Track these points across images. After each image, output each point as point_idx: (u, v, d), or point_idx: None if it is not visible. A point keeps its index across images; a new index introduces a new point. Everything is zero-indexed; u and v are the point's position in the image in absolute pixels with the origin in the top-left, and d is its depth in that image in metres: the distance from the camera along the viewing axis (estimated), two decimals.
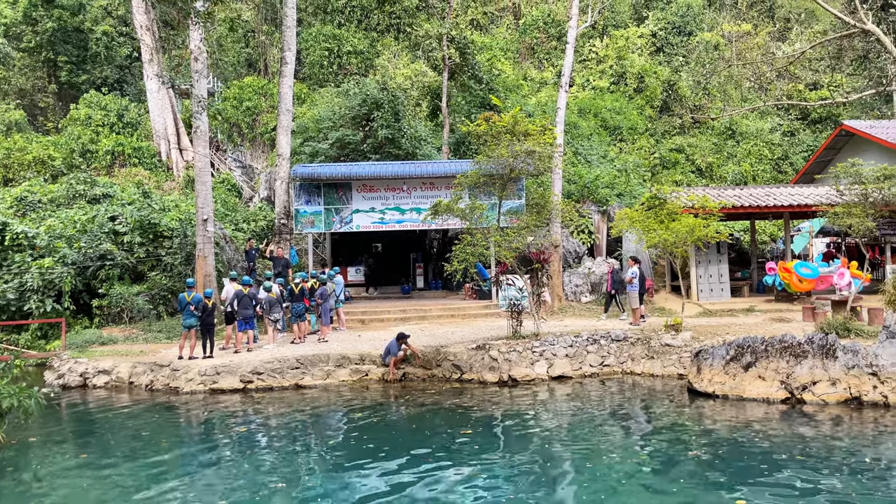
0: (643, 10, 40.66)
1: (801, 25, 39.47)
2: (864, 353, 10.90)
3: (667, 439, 9.53)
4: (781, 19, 40.42)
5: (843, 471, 7.81)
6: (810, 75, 37.55)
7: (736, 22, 38.85)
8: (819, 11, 35.86)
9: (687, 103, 35.10)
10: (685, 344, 14.01)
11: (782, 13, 40.43)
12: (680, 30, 38.85)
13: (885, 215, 17.19)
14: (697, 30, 38.72)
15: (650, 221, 17.50)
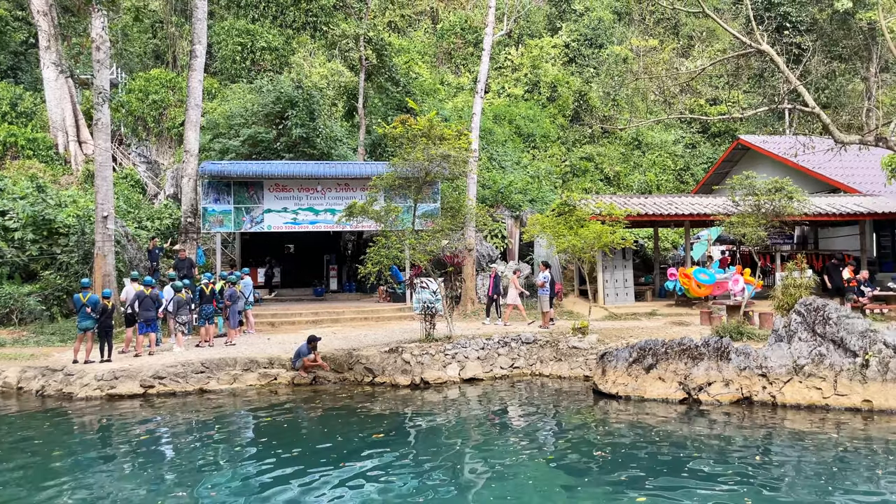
0: (557, 22, 41.75)
1: (703, 43, 41.57)
2: (754, 355, 11.57)
3: (573, 440, 9.80)
4: (685, 37, 42.43)
5: (735, 468, 8.25)
6: (711, 91, 39.61)
7: (643, 37, 40.50)
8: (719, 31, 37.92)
9: (597, 113, 36.28)
10: (591, 346, 14.46)
11: (686, 31, 42.45)
12: (591, 42, 40.14)
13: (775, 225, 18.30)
14: (608, 43, 40.12)
15: (560, 227, 17.96)
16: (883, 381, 10.57)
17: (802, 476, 7.88)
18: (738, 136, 31.03)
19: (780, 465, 8.33)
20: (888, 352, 10.73)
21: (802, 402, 10.86)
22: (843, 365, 10.91)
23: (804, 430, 9.81)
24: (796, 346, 11.42)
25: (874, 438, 9.30)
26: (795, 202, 17.54)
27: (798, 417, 10.45)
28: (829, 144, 15.25)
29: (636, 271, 24.18)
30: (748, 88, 40.14)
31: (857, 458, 8.51)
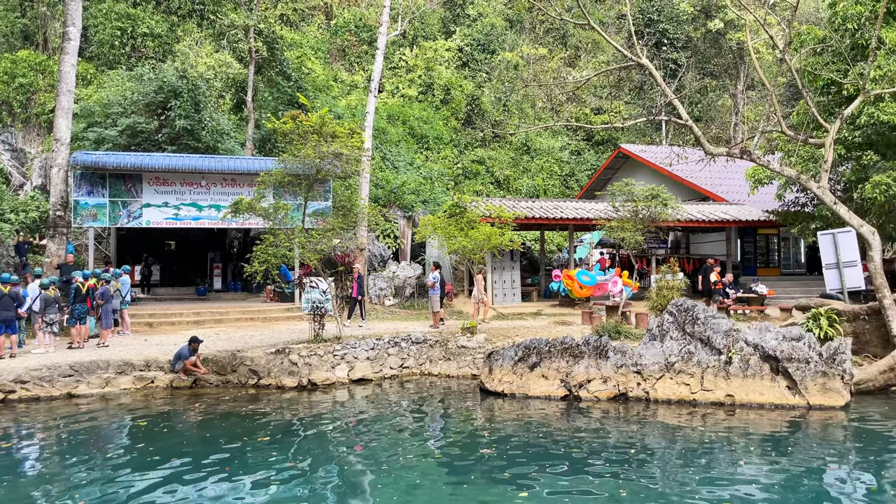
0: (451, 25, 42.26)
1: (589, 55, 43.37)
2: (630, 353, 12.20)
3: (460, 438, 9.95)
4: (573, 47, 44.10)
5: (612, 461, 8.65)
6: (595, 101, 41.39)
7: (533, 45, 41.76)
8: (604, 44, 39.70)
9: (489, 118, 37.04)
10: (479, 346, 14.74)
11: (574, 41, 44.11)
12: (484, 47, 40.91)
13: (651, 230, 19.36)
14: (500, 49, 41.04)
15: (451, 228, 18.20)
16: (744, 377, 11.42)
17: (673, 467, 8.38)
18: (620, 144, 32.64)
19: (652, 458, 8.81)
20: (749, 350, 11.60)
21: (673, 398, 11.56)
22: (710, 362, 11.70)
23: (674, 423, 10.43)
24: (668, 344, 12.13)
25: (735, 430, 10.03)
26: (670, 209, 18.61)
27: (669, 412, 11.10)
28: (700, 155, 16.29)
29: (523, 272, 24.89)
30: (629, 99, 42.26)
31: (721, 448, 9.15)
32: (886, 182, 16.57)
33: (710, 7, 40.55)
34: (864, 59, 16.52)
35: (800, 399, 11.08)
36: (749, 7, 16.94)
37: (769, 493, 7.39)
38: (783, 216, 21.69)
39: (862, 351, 13.41)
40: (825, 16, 19.84)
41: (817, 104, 18.36)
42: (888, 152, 17.64)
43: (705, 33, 41.37)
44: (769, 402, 11.15)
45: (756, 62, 16.78)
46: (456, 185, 32.67)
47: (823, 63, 18.41)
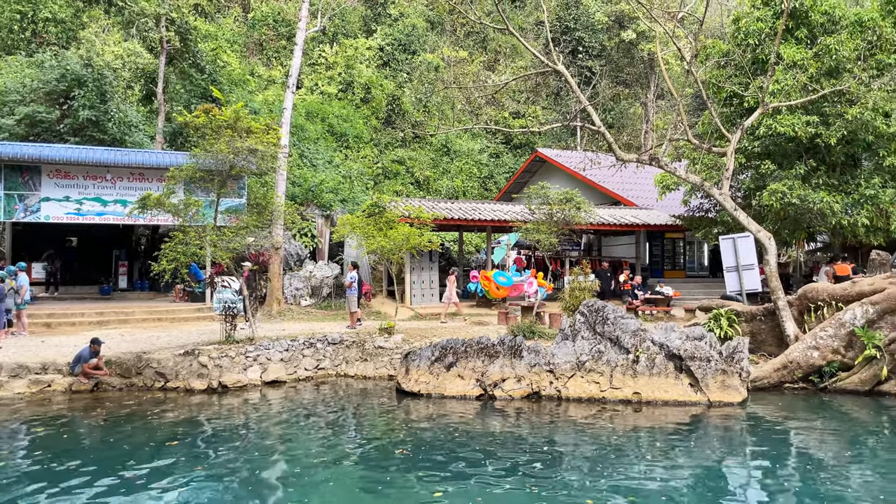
0: (372, 24, 42.04)
1: (508, 59, 44.09)
2: (544, 352, 12.46)
3: (375, 439, 9.89)
4: (492, 51, 44.72)
5: (525, 458, 8.81)
6: (514, 105, 42.11)
7: (454, 48, 42.08)
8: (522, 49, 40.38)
9: (409, 118, 37.06)
10: (396, 346, 14.70)
11: (493, 46, 44.74)
12: (405, 47, 40.91)
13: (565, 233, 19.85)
14: (421, 50, 41.14)
15: (370, 228, 18.09)
16: (650, 375, 11.87)
17: (583, 463, 8.61)
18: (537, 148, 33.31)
19: (563, 454, 9.03)
20: (655, 349, 12.07)
21: (583, 395, 11.88)
22: (618, 361, 12.10)
23: (584, 420, 10.73)
24: (579, 343, 12.47)
25: (641, 426, 10.42)
26: (583, 212, 19.12)
27: (580, 409, 11.41)
28: (612, 161, 16.84)
29: (442, 273, 25.02)
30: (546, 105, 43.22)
31: (629, 444, 9.47)
32: (782, 190, 17.61)
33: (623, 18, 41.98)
34: (763, 74, 17.49)
35: (701, 396, 11.61)
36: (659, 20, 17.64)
37: (673, 487, 7.71)
38: (688, 221, 22.70)
39: (758, 350, 14.19)
40: (729, 31, 20.91)
41: (721, 115, 19.34)
42: (784, 162, 18.76)
43: (619, 43, 42.81)
44: (673, 398, 11.63)
45: (665, 73, 17.50)
46: (375, 184, 32.51)
47: (727, 76, 19.40)
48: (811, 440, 9.89)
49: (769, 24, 18.59)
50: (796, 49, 18.22)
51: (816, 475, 8.15)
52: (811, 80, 17.24)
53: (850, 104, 17.47)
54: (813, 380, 12.84)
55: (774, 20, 18.47)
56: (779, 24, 15.88)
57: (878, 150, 18.17)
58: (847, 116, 17.14)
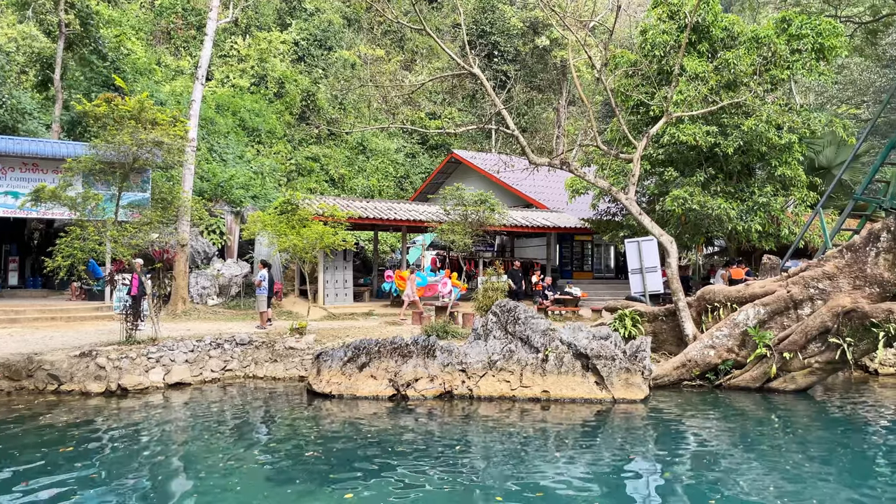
0: (287, 18, 41.20)
1: (425, 60, 44.21)
2: (457, 352, 12.56)
3: (284, 441, 9.68)
4: (410, 51, 44.74)
5: (438, 458, 8.84)
6: (430, 105, 42.27)
7: (371, 46, 41.82)
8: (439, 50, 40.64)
9: (324, 115, 36.55)
10: (308, 346, 14.46)
11: (410, 46, 44.76)
12: (321, 43, 40.32)
13: (479, 234, 20.11)
14: (337, 46, 40.66)
15: (282, 226, 17.73)
16: (558, 374, 12.18)
17: (493, 461, 8.73)
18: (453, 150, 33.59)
19: (474, 453, 9.12)
20: (563, 348, 12.40)
21: (495, 394, 12.06)
22: (528, 360, 12.35)
23: (496, 419, 10.88)
24: (491, 343, 12.65)
25: (550, 424, 10.67)
26: (497, 214, 19.44)
27: (491, 408, 11.57)
28: (525, 164, 17.18)
29: (356, 273, 24.82)
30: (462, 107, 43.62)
31: (538, 441, 9.68)
32: (683, 196, 18.47)
33: (537, 24, 42.92)
34: (668, 84, 18.29)
35: (606, 393, 12.01)
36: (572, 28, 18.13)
37: (580, 482, 7.93)
38: (596, 224, 23.45)
39: (660, 349, 14.82)
40: (637, 42, 21.75)
41: (628, 122, 20.09)
42: (686, 169, 19.68)
43: (533, 49, 43.74)
44: (580, 396, 11.98)
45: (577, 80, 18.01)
46: (288, 181, 31.87)
47: (634, 85, 20.17)
48: (707, 434, 10.41)
49: (674, 37, 19.46)
50: (698, 62, 19.15)
51: (712, 468, 8.58)
52: (711, 91, 18.16)
53: (746, 116, 18.53)
54: (709, 377, 13.52)
55: (679, 33, 19.34)
56: (683, 37, 16.64)
57: (771, 160, 19.35)
58: (743, 128, 18.15)
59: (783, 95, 18.94)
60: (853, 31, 25.29)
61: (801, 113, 19.90)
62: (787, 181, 19.57)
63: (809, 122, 19.42)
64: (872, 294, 12.70)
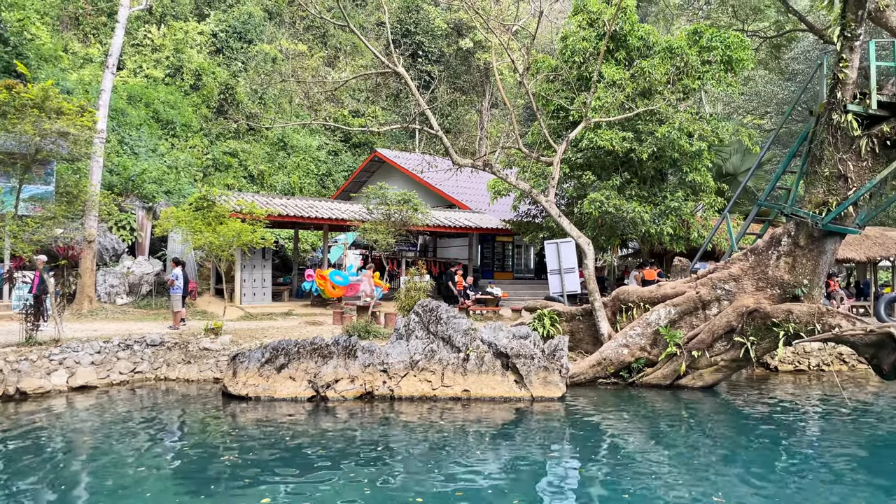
0: (205, 8, 39.93)
1: (348, 57, 43.78)
2: (378, 352, 12.49)
3: (198, 446, 9.36)
4: (333, 48, 44.18)
5: (357, 459, 8.76)
6: (353, 103, 41.89)
7: (293, 41, 41.05)
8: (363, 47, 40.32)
9: (243, 109, 35.62)
10: (224, 347, 14.06)
11: (334, 42, 44.22)
12: (241, 36, 39.28)
13: (402, 233, 20.05)
14: (258, 40, 39.70)
15: (198, 223, 17.18)
16: (479, 373, 12.30)
17: (413, 460, 8.72)
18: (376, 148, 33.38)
19: (394, 453, 9.09)
20: (484, 347, 12.52)
21: (416, 394, 12.06)
22: (450, 359, 12.41)
23: (416, 419, 10.88)
24: (413, 343, 12.64)
25: (470, 423, 10.75)
26: (420, 214, 19.45)
27: (412, 408, 11.56)
28: (448, 165, 17.26)
29: (275, 271, 24.30)
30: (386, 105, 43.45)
31: (458, 440, 9.73)
32: (600, 199, 19.01)
33: (462, 26, 43.24)
34: (587, 90, 18.78)
35: (525, 392, 12.21)
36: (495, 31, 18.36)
37: (499, 480, 8.02)
38: (517, 225, 23.83)
39: (577, 347, 15.20)
40: (558, 48, 22.24)
41: (549, 126, 20.51)
42: (603, 173, 20.27)
43: (457, 50, 44.03)
44: (500, 395, 12.13)
45: (500, 83, 18.24)
46: (205, 176, 30.90)
47: (555, 90, 20.62)
48: (621, 431, 10.74)
49: (593, 45, 20.00)
50: (616, 69, 19.76)
51: (626, 463, 8.87)
52: (628, 98, 18.77)
53: (660, 123, 19.25)
54: (623, 375, 13.96)
55: (598, 41, 19.90)
56: (601, 45, 17.12)
57: (682, 166, 20.18)
58: (657, 134, 18.85)
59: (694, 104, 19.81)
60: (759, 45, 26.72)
61: (710, 122, 20.87)
62: (697, 187, 20.45)
63: (718, 131, 20.40)
64: (774, 295, 13.44)
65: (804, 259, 13.30)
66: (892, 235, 24.71)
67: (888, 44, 13.97)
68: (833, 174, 12.86)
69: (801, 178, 14.10)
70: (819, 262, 13.28)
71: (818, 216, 12.89)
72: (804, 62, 30.06)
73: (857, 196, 12.57)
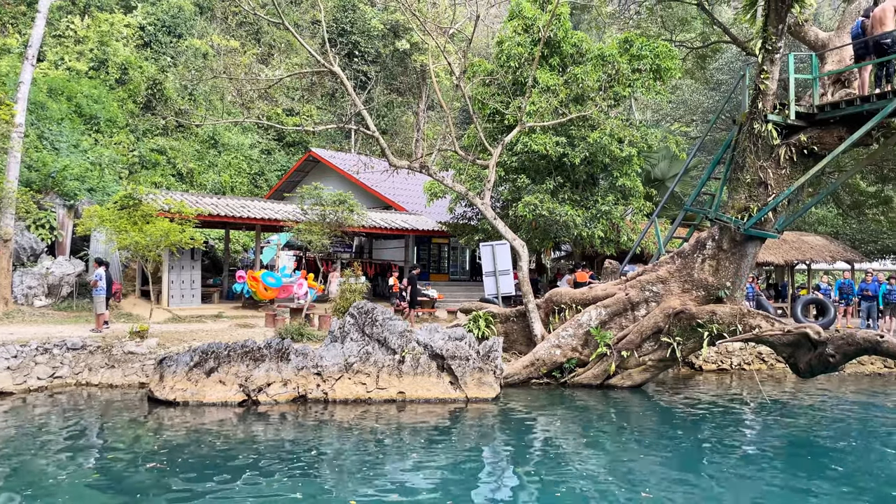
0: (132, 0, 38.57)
1: (283, 54, 43.06)
2: (312, 355, 12.32)
3: (123, 453, 9.01)
4: (266, 45, 43.37)
5: (290, 463, 8.60)
6: (288, 102, 41.22)
7: (225, 36, 40.09)
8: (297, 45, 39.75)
9: (172, 105, 34.54)
10: (150, 351, 13.60)
11: (268, 39, 43.42)
12: (170, 30, 38.11)
13: (337, 235, 19.85)
14: (188, 34, 38.60)
15: (123, 222, 16.59)
16: (414, 375, 12.29)
17: (348, 464, 8.63)
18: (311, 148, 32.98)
19: (329, 456, 8.98)
20: (420, 349, 12.53)
21: (350, 397, 11.95)
22: (385, 362, 12.36)
23: (350, 422, 10.78)
24: (348, 345, 12.53)
25: (405, 425, 10.73)
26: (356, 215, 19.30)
27: (346, 411, 11.44)
28: (385, 166, 17.19)
29: (205, 273, 23.67)
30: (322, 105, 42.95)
31: (393, 443, 9.70)
32: (534, 203, 19.30)
33: (398, 27, 43.16)
34: (522, 95, 19.04)
35: (460, 393, 12.28)
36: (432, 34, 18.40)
37: (432, 481, 8.03)
38: (453, 227, 23.95)
39: (511, 348, 15.38)
40: (494, 52, 22.48)
41: (484, 130, 20.69)
42: (537, 177, 20.59)
43: (394, 51, 43.92)
44: (435, 396, 12.15)
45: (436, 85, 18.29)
46: (131, 174, 29.83)
47: (491, 94, 20.83)
48: (553, 430, 10.93)
49: (528, 50, 20.31)
50: (550, 75, 20.11)
51: (558, 462, 9.02)
52: (561, 104, 19.14)
53: (592, 129, 19.70)
54: (556, 375, 14.21)
55: (532, 47, 20.21)
56: (536, 50, 17.40)
57: (613, 171, 20.70)
58: (589, 140, 19.29)
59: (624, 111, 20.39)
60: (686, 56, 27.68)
61: (639, 128, 21.50)
62: (627, 191, 21.02)
63: (647, 138, 21.04)
64: (699, 297, 13.93)
65: (727, 262, 13.84)
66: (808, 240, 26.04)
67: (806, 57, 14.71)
68: (754, 181, 13.44)
69: (725, 185, 14.68)
70: (741, 265, 13.85)
71: (740, 221, 13.44)
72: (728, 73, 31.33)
73: (776, 202, 13.17)
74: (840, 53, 14.23)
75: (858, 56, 13.01)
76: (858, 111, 12.59)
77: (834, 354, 11.80)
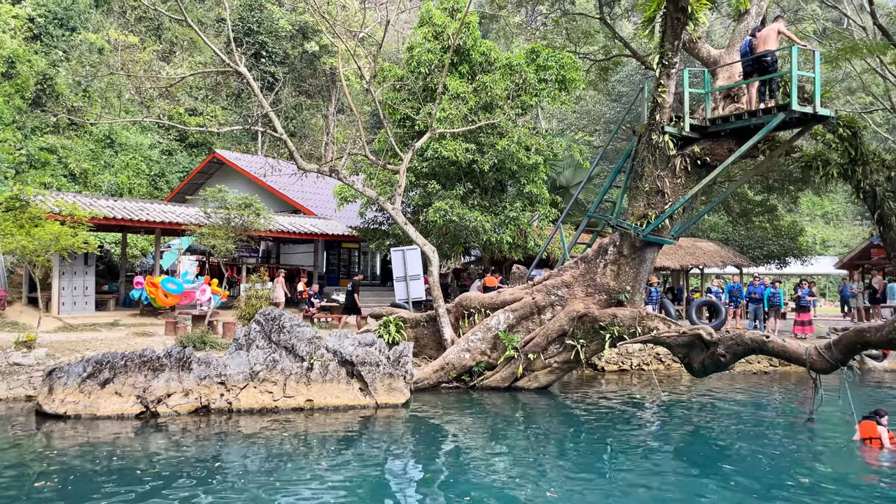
0: None
1: (186, 52, 41.55)
2: (215, 363, 11.91)
3: (6, 471, 8.41)
4: (168, 41, 41.72)
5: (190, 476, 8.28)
6: (190, 101, 39.78)
7: (123, 31, 38.27)
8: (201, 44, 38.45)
9: (64, 102, 32.62)
10: (38, 362, 12.80)
11: (169, 36, 41.76)
12: (62, 22, 36.00)
13: (243, 239, 19.32)
14: (82, 28, 36.59)
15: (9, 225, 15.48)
16: (323, 382, 12.12)
17: (253, 475, 8.40)
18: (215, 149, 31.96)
19: (232, 468, 8.71)
20: (329, 356, 12.36)
21: (256, 406, 11.64)
22: (293, 369, 12.12)
23: (256, 432, 10.50)
24: (254, 353, 12.20)
25: (313, 433, 10.56)
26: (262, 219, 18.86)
27: (251, 421, 11.14)
28: (293, 169, 16.89)
29: (100, 278, 22.48)
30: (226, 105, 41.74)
31: (301, 452, 9.52)
32: (445, 208, 19.47)
33: (307, 29, 42.53)
34: (432, 101, 19.18)
35: (370, 399, 12.20)
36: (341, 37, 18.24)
37: (341, 490, 7.93)
38: (364, 232, 23.80)
39: (421, 353, 15.42)
40: (404, 58, 22.53)
41: (395, 135, 20.71)
42: (447, 183, 20.78)
43: (302, 53, 43.23)
44: (344, 403, 12.03)
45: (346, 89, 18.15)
46: (17, 174, 27.96)
47: (401, 99, 20.87)
48: (463, 434, 11.04)
49: (438, 57, 20.48)
50: (460, 82, 20.36)
51: (467, 464, 9.12)
52: (471, 111, 19.41)
53: (501, 137, 20.07)
54: (465, 379, 14.36)
55: (442, 54, 20.40)
56: (446, 57, 17.57)
57: (521, 178, 21.17)
58: (497, 147, 19.65)
59: (531, 120, 20.90)
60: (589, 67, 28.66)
61: (546, 137, 22.09)
62: (534, 198, 21.54)
63: (553, 146, 21.65)
64: (601, 300, 14.44)
65: (627, 267, 14.43)
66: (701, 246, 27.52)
67: (700, 72, 15.56)
68: (652, 189, 14.08)
69: (626, 193, 15.31)
70: (640, 270, 14.47)
71: (639, 227, 14.04)
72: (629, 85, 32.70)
73: (673, 210, 13.85)
74: (730, 70, 15.15)
75: (746, 73, 13.90)
76: (746, 125, 13.46)
77: (725, 354, 12.49)
